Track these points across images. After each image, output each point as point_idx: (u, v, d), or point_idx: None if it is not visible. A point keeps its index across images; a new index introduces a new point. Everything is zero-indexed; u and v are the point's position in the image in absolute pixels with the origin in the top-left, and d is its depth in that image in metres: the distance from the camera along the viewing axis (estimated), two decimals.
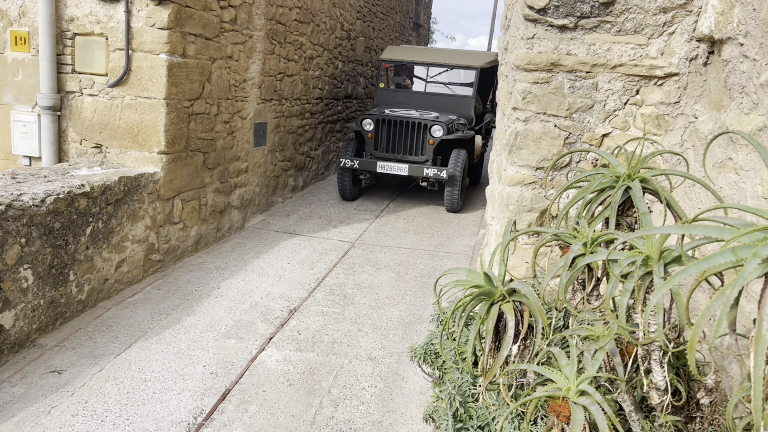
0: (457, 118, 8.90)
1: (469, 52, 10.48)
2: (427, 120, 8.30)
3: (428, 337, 2.90)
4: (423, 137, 8.36)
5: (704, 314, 1.25)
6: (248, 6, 6.66)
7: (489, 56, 10.22)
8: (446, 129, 8.27)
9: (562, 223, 2.03)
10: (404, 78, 10.35)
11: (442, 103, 9.56)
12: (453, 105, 9.54)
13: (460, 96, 9.75)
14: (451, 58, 9.95)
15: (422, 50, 10.62)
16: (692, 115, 3.00)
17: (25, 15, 5.33)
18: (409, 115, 8.41)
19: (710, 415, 1.96)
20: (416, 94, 9.96)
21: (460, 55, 10.08)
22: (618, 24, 3.03)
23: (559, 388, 1.59)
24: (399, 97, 9.86)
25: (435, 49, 10.83)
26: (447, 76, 9.96)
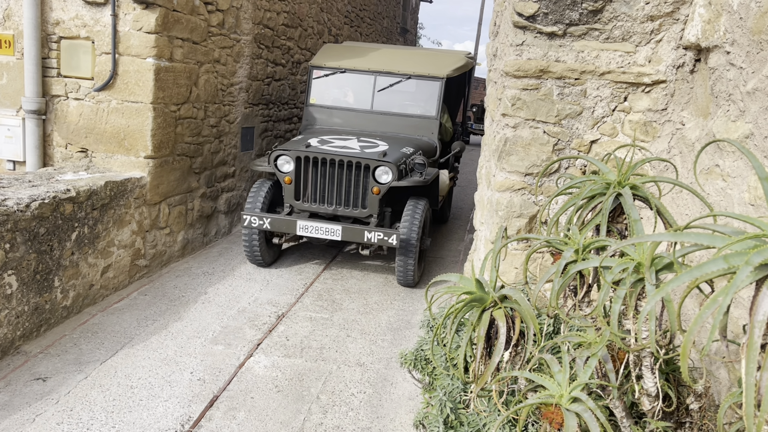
0: (415, 152, 6.24)
1: (435, 54, 7.82)
2: (369, 158, 5.53)
3: (418, 343, 2.89)
4: (364, 183, 5.63)
5: (697, 321, 1.26)
6: (236, 10, 6.64)
7: (457, 59, 7.66)
8: (398, 171, 5.55)
9: (552, 229, 2.04)
10: (346, 91, 7.42)
11: (396, 126, 6.96)
12: (411, 129, 6.98)
13: (419, 117, 7.02)
14: (409, 62, 7.32)
15: (370, 51, 7.76)
16: (679, 122, 3.03)
17: (10, 18, 5.27)
18: (346, 150, 5.69)
19: (699, 421, 1.97)
20: (360, 115, 7.09)
21: (421, 60, 7.41)
22: (606, 31, 3.06)
23: (552, 395, 1.59)
24: (336, 118, 7.11)
25: (388, 50, 7.85)
26: (403, 90, 7.25)
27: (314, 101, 7.25)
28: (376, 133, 6.81)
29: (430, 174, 5.92)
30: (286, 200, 5.78)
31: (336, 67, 7.22)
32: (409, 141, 6.58)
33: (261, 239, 5.89)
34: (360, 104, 7.17)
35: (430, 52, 7.93)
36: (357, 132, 6.78)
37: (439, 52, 8.07)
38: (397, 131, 6.95)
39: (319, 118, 7.16)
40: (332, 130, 6.85)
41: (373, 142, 6.17)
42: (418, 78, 7.08)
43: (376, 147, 5.91)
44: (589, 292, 1.83)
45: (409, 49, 8.07)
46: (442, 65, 7.23)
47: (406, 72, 7.09)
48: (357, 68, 7.16)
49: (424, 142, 6.79)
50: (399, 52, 7.73)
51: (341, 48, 7.78)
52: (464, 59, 7.75)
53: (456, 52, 8.35)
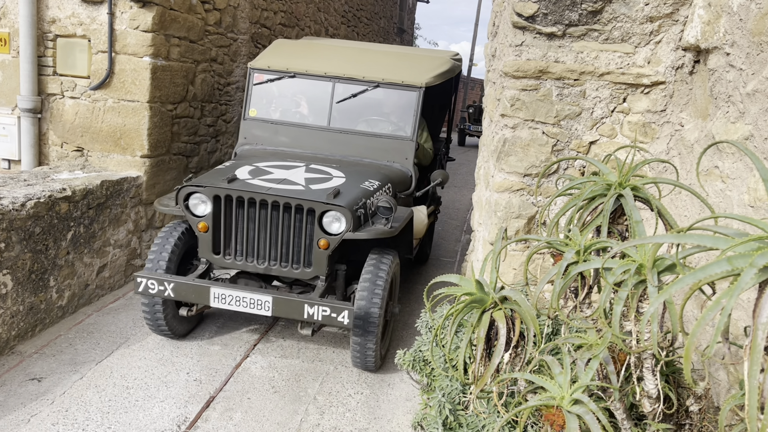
0: (382, 186, 4.54)
1: (414, 55, 6.00)
2: (314, 200, 3.88)
3: (417, 344, 2.88)
4: (309, 233, 4.01)
5: (700, 323, 1.25)
6: (233, 9, 6.62)
7: (440, 62, 5.89)
8: (354, 218, 3.88)
9: (552, 230, 2.03)
10: (299, 101, 5.58)
11: (359, 148, 5.18)
12: (379, 153, 5.16)
13: (390, 138, 5.20)
14: (380, 66, 5.51)
15: (332, 49, 6.02)
16: (678, 123, 3.03)
17: (6, 16, 5.24)
18: (284, 187, 4.01)
19: (699, 422, 1.97)
20: (313, 133, 5.27)
21: (396, 63, 5.62)
22: (606, 32, 3.06)
23: (553, 397, 1.59)
24: (281, 137, 5.31)
25: (356, 49, 6.10)
26: (370, 102, 5.41)
27: (254, 114, 5.41)
28: (333, 158, 5.08)
29: (401, 218, 4.16)
30: (201, 254, 4.12)
31: (282, 70, 5.38)
32: (376, 170, 4.83)
33: (169, 306, 4.19)
34: (314, 119, 5.36)
35: (409, 53, 6.10)
36: (308, 157, 5.03)
37: (420, 53, 6.32)
38: (360, 155, 5.12)
39: (259, 137, 5.34)
40: (275, 154, 5.07)
41: (326, 173, 4.46)
42: (390, 87, 5.23)
43: (327, 181, 4.25)
44: (589, 294, 1.82)
45: (383, 48, 6.27)
46: (421, 70, 5.43)
47: (374, 78, 5.24)
48: (311, 72, 5.33)
49: (395, 171, 5.01)
50: (369, 51, 5.91)
51: (295, 45, 5.98)
52: (449, 62, 5.95)
53: (440, 52, 6.62)
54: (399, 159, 5.14)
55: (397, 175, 5.00)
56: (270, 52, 5.72)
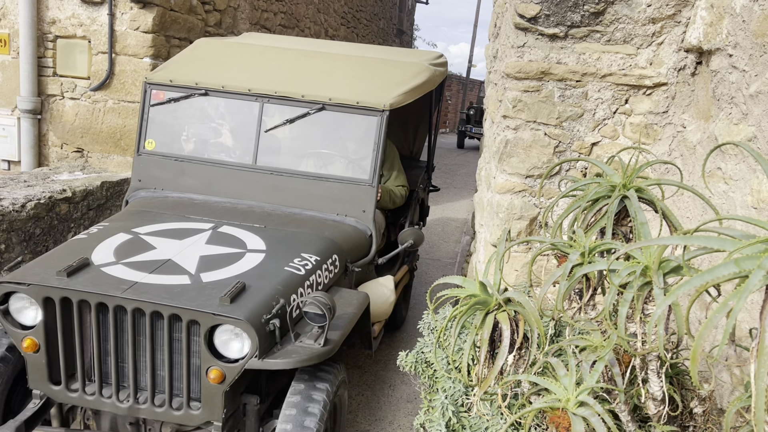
0: (319, 265, 3.09)
1: (381, 61, 4.27)
2: (195, 309, 2.44)
3: (419, 346, 2.88)
4: (198, 355, 2.52)
5: (707, 325, 1.25)
6: (233, 10, 6.62)
7: (416, 71, 4.16)
8: (263, 334, 2.47)
9: (556, 232, 2.03)
10: (220, 127, 3.99)
11: (297, 197, 3.71)
12: (326, 203, 3.69)
13: (341, 182, 3.71)
14: (333, 77, 3.95)
15: (266, 53, 4.25)
16: (680, 124, 3.03)
17: (6, 16, 5.23)
18: (157, 278, 2.62)
19: (703, 424, 1.97)
20: (234, 174, 3.77)
21: (353, 73, 4.02)
22: (608, 34, 3.06)
23: (558, 399, 1.58)
24: (189, 179, 3.82)
25: (303, 51, 4.31)
26: (313, 130, 3.88)
27: (152, 146, 3.80)
28: (261, 210, 3.56)
29: (344, 323, 2.77)
30: (32, 384, 2.65)
31: (190, 86, 3.77)
32: (316, 232, 3.32)
33: None
34: (236, 154, 3.81)
35: (375, 57, 4.31)
36: (222, 210, 3.49)
37: (391, 56, 4.56)
38: (300, 205, 3.60)
39: (159, 179, 3.75)
40: (178, 205, 3.51)
41: (238, 243, 3.04)
42: (341, 109, 3.63)
43: (233, 262, 2.84)
44: (594, 296, 1.82)
45: (341, 50, 4.55)
46: (386, 84, 3.83)
47: (318, 98, 3.62)
48: (230, 88, 3.72)
49: (346, 232, 3.49)
50: (319, 57, 4.11)
51: (221, 48, 4.23)
52: (427, 70, 4.20)
53: (418, 54, 4.88)
54: (354, 211, 3.57)
55: (349, 237, 3.44)
56: (179, 60, 4.07)
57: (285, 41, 4.80)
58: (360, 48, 4.78)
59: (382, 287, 3.80)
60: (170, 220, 3.24)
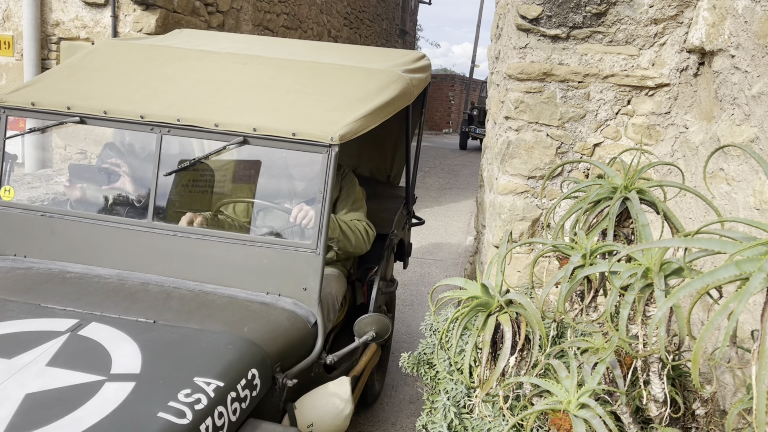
0: (221, 397, 1.84)
1: (339, 69, 3.02)
2: None
3: (421, 347, 2.88)
4: None
5: (708, 327, 1.25)
6: (236, 12, 6.63)
7: (384, 82, 2.97)
8: None
9: (558, 233, 2.03)
10: (118, 168, 2.84)
11: (206, 268, 2.53)
12: (246, 279, 2.51)
13: (269, 247, 2.51)
14: (259, 99, 2.72)
15: (186, 60, 3.00)
16: (683, 125, 3.02)
17: (10, 19, 5.26)
18: None
19: (705, 426, 1.96)
20: (123, 236, 2.56)
21: (296, 87, 2.81)
22: (610, 35, 3.05)
23: (560, 401, 1.58)
24: (59, 245, 2.59)
25: (226, 59, 3.01)
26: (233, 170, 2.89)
27: (9, 197, 2.80)
28: (156, 291, 2.44)
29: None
30: None
31: (55, 110, 2.82)
32: (228, 335, 2.16)
33: None
34: (128, 207, 2.84)
35: (334, 62, 3.15)
36: (100, 293, 2.35)
37: (355, 61, 3.33)
38: (217, 280, 2.55)
39: (19, 241, 2.68)
40: (37, 282, 2.40)
41: (96, 368, 1.83)
42: (270, 144, 2.56)
43: (68, 413, 1.63)
44: (595, 297, 1.82)
45: (294, 49, 3.52)
46: (342, 101, 2.77)
47: (239, 126, 2.54)
48: (114, 114, 2.63)
49: (277, 323, 2.37)
50: (259, 62, 3.04)
51: (126, 51, 3.12)
52: (401, 80, 3.10)
53: (394, 56, 3.68)
54: (291, 289, 2.49)
55: (281, 332, 2.32)
56: (57, 73, 3.04)
57: (224, 41, 3.58)
58: (319, 48, 3.61)
59: (333, 397, 2.64)
60: (11, 313, 2.07)
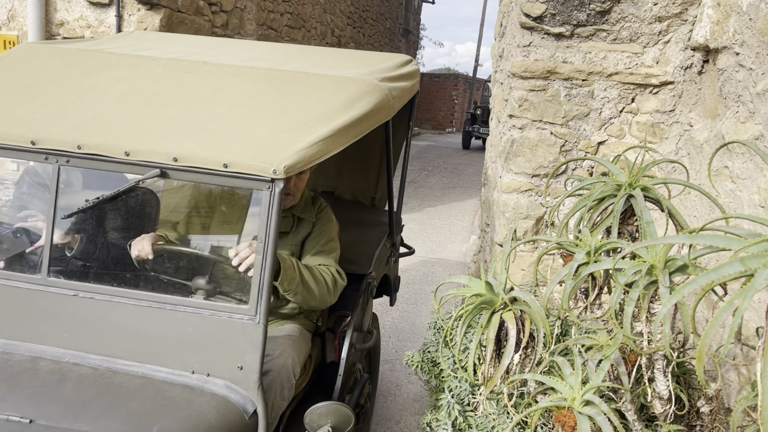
0: None
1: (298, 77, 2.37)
2: None
3: (425, 345, 2.88)
4: None
5: (713, 324, 1.25)
6: (240, 11, 6.64)
7: (353, 95, 2.31)
8: None
9: (562, 231, 2.03)
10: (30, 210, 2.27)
11: (120, 341, 1.92)
12: (165, 353, 1.90)
13: (197, 312, 1.91)
14: (187, 121, 2.08)
15: (118, 68, 2.40)
16: (687, 123, 3.02)
17: (14, 19, 5.27)
18: None
19: (710, 424, 1.96)
20: (13, 297, 1.97)
21: (244, 101, 2.21)
22: (614, 32, 3.05)
23: (564, 398, 1.58)
24: None
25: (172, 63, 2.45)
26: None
27: None
28: (48, 369, 1.85)
29: None
30: None
31: None
32: None
33: None
34: (22, 260, 2.21)
35: (296, 69, 2.51)
36: None
37: (323, 67, 2.65)
38: (128, 355, 1.92)
39: None
40: None
41: None
42: (196, 177, 1.92)
43: None
44: (600, 295, 1.82)
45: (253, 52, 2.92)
46: (297, 119, 2.11)
47: (156, 153, 1.90)
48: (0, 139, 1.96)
49: (200, 420, 1.74)
50: (205, 69, 2.42)
51: (46, 56, 2.53)
52: (376, 92, 2.43)
53: (374, 61, 2.98)
54: (223, 368, 1.92)
55: (206, 428, 1.74)
56: None
57: (177, 44, 2.93)
58: (286, 52, 2.92)
59: None
60: None
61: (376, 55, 3.15)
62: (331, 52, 3.18)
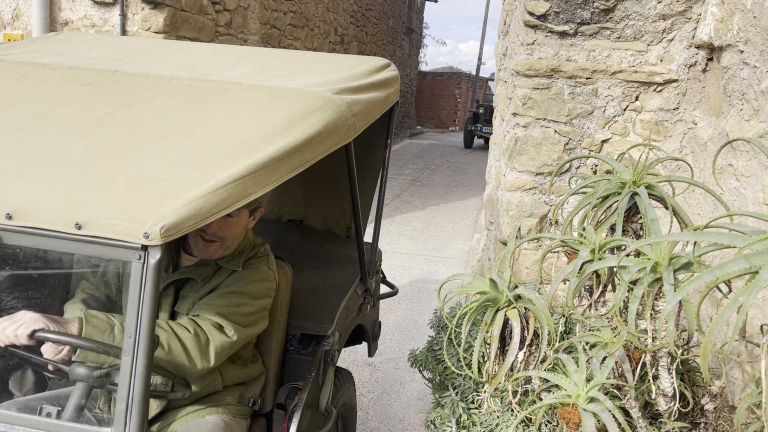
0: None
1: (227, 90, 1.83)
2: None
3: (429, 343, 2.89)
4: None
5: (717, 321, 1.25)
6: (243, 10, 6.65)
7: (308, 108, 1.76)
8: None
9: (566, 229, 2.04)
10: None
11: None
12: None
13: None
14: (62, 158, 1.47)
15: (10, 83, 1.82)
16: (691, 121, 3.02)
17: (19, 18, 5.29)
18: None
19: (714, 421, 1.96)
20: None
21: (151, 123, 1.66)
22: (618, 30, 3.05)
23: (569, 395, 1.59)
24: None
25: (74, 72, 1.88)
26: None
27: None
28: None
29: None
30: None
31: None
32: None
33: None
34: None
35: (235, 81, 1.91)
36: None
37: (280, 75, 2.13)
38: None
39: None
40: None
41: None
42: (35, 240, 1.30)
43: None
44: (604, 292, 1.82)
45: (205, 56, 2.37)
46: (215, 149, 1.55)
47: None
48: None
49: None
50: (115, 81, 1.87)
51: None
52: (330, 108, 1.82)
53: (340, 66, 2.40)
54: None
55: None
56: None
57: (107, 49, 2.39)
58: (235, 56, 2.43)
59: None
60: None
61: (347, 59, 2.56)
62: (293, 56, 2.55)
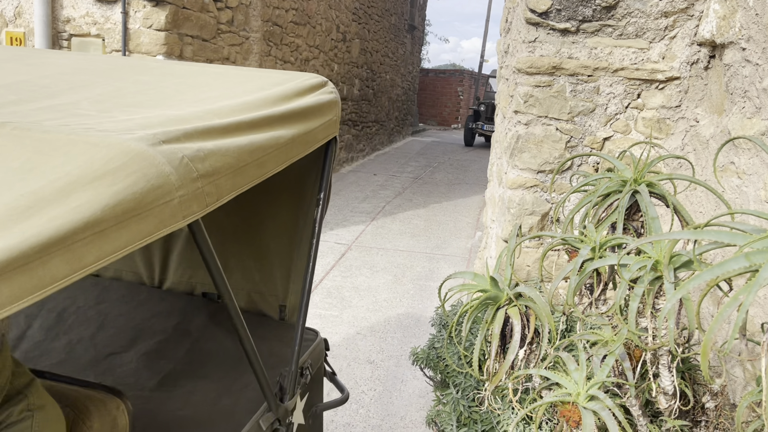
0: None
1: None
2: None
3: (430, 341, 2.89)
4: None
5: (718, 320, 1.25)
6: (245, 7, 6.65)
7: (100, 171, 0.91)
8: None
9: (567, 227, 2.03)
10: None
11: None
12: None
13: None
14: None
15: None
16: (693, 119, 3.01)
17: (21, 16, 5.30)
18: None
19: (715, 419, 1.96)
20: None
21: None
22: (620, 28, 3.04)
23: (569, 393, 1.59)
24: None
25: None
26: None
27: None
28: None
29: None
30: None
31: None
32: None
33: None
34: None
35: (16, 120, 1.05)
36: None
37: (106, 107, 1.29)
38: None
39: None
40: None
41: None
42: None
43: None
44: (605, 291, 1.82)
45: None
46: None
47: None
48: None
49: None
50: None
51: None
52: (133, 177, 0.95)
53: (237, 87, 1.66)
54: None
55: None
56: None
57: None
58: (98, 71, 1.71)
59: None
60: None
61: (264, 76, 1.86)
62: (187, 72, 1.87)
